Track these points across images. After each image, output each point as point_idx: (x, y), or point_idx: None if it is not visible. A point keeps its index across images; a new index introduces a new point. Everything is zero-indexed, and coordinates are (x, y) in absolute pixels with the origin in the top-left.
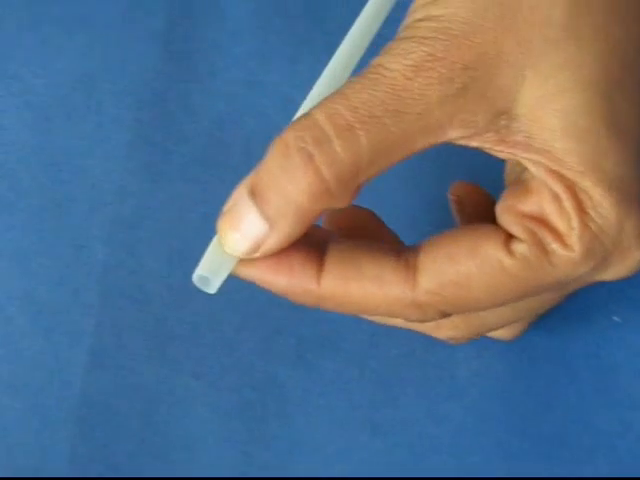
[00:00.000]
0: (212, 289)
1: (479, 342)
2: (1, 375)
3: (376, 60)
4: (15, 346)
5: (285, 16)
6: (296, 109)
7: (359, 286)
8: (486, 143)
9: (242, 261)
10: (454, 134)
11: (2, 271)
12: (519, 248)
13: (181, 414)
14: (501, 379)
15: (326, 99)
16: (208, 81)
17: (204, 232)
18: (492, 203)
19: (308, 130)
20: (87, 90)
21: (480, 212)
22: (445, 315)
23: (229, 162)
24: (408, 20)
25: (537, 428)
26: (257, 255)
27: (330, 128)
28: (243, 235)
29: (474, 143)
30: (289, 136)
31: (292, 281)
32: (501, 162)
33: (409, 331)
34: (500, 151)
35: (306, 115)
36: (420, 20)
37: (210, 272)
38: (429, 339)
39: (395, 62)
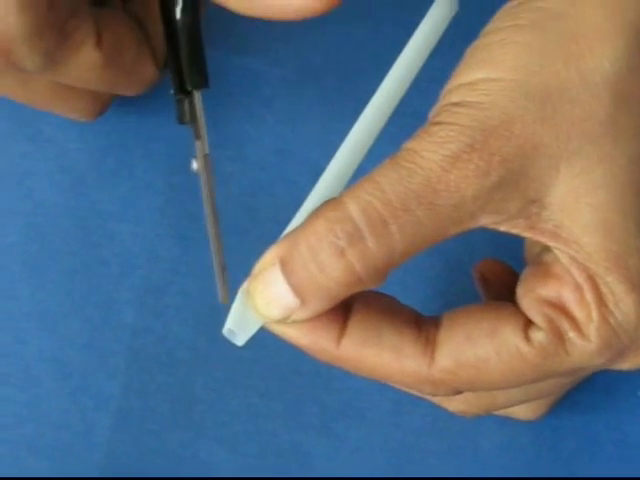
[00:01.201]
0: (240, 342)
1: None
2: (27, 435)
3: (410, 144)
4: (42, 407)
5: (317, 86)
6: None
7: (377, 354)
8: (515, 228)
9: None
10: (485, 221)
11: (31, 332)
12: (537, 336)
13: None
14: (525, 451)
15: (359, 186)
16: (240, 148)
17: (231, 299)
18: (515, 278)
19: (340, 224)
20: (120, 155)
21: (504, 288)
22: (458, 392)
23: (259, 229)
24: (443, 102)
25: None
26: (288, 322)
27: (364, 224)
28: (275, 303)
29: (503, 228)
30: (320, 226)
31: (314, 339)
32: None
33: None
34: (528, 236)
35: (338, 203)
36: (457, 104)
37: (239, 327)
38: None
39: (431, 151)
